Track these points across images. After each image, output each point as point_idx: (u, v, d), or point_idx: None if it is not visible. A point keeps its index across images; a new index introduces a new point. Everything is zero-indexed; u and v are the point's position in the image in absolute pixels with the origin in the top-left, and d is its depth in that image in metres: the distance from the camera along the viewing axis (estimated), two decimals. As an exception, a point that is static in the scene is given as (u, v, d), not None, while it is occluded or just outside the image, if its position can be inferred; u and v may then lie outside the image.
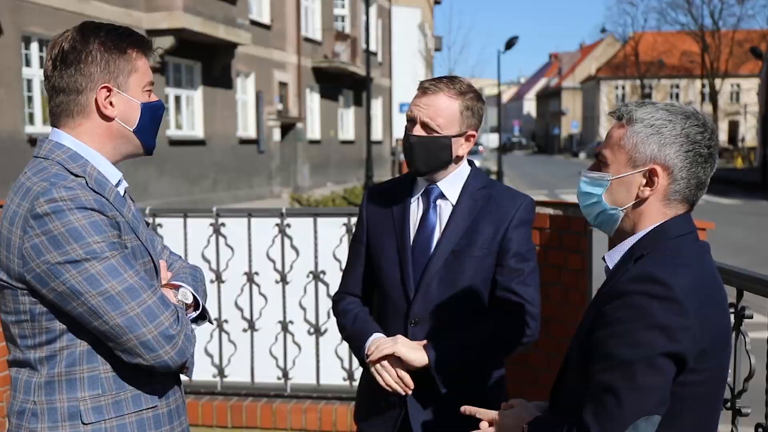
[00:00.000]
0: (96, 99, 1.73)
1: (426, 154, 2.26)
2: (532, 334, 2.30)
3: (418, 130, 2.26)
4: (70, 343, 1.69)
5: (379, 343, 2.26)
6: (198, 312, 1.90)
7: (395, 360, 2.23)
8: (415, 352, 2.21)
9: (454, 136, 2.26)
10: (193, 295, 1.88)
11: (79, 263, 1.61)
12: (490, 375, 2.37)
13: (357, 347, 2.35)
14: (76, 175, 1.69)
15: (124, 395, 1.73)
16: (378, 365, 2.25)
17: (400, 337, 2.25)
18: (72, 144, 1.74)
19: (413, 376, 2.23)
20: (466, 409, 1.85)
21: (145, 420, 1.76)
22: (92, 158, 1.75)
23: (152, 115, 1.81)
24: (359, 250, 2.44)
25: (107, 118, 1.75)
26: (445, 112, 2.24)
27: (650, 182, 1.60)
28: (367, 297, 2.47)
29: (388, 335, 2.30)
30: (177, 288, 1.85)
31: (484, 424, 1.79)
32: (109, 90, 1.73)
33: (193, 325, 1.87)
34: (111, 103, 1.74)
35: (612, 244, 1.74)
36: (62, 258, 1.60)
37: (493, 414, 1.80)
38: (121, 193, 1.80)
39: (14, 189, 1.70)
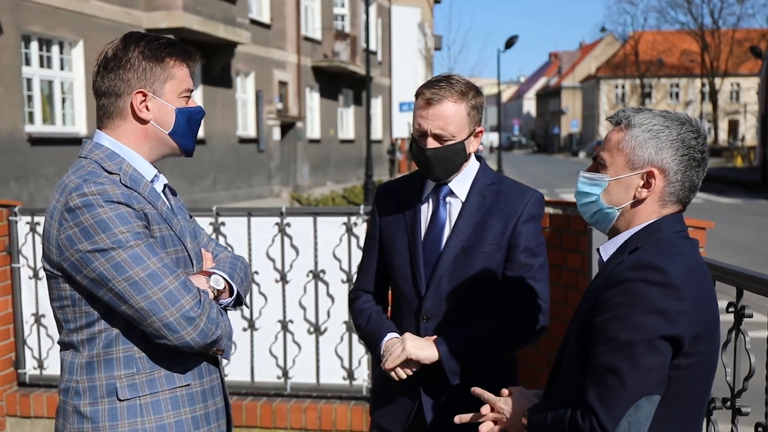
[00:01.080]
0: (132, 103, 1.87)
1: (444, 164, 2.27)
2: (540, 328, 2.32)
3: (431, 143, 2.26)
4: (106, 325, 1.83)
5: (390, 349, 2.28)
6: (233, 298, 2.01)
7: (407, 359, 2.25)
8: (425, 350, 2.24)
9: (466, 139, 2.27)
10: (226, 281, 1.98)
11: (106, 252, 1.74)
12: (502, 367, 2.40)
13: (372, 347, 2.41)
14: (110, 173, 1.83)
15: (158, 374, 1.86)
16: (393, 372, 2.28)
17: (407, 337, 2.27)
18: (110, 144, 1.89)
19: (425, 368, 2.27)
20: (476, 390, 1.95)
21: (179, 397, 1.88)
22: (128, 157, 1.89)
23: (189, 120, 1.94)
24: (373, 246, 2.48)
25: (142, 121, 1.89)
26: (454, 119, 2.24)
27: (647, 184, 1.68)
28: (383, 292, 2.53)
29: (401, 331, 2.33)
30: (210, 275, 1.96)
31: (486, 408, 1.90)
32: (145, 95, 1.87)
33: (230, 310, 2.03)
34: (147, 107, 1.88)
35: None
36: (92, 247, 1.75)
37: (497, 399, 1.89)
38: (159, 188, 1.94)
39: (57, 187, 1.85)
